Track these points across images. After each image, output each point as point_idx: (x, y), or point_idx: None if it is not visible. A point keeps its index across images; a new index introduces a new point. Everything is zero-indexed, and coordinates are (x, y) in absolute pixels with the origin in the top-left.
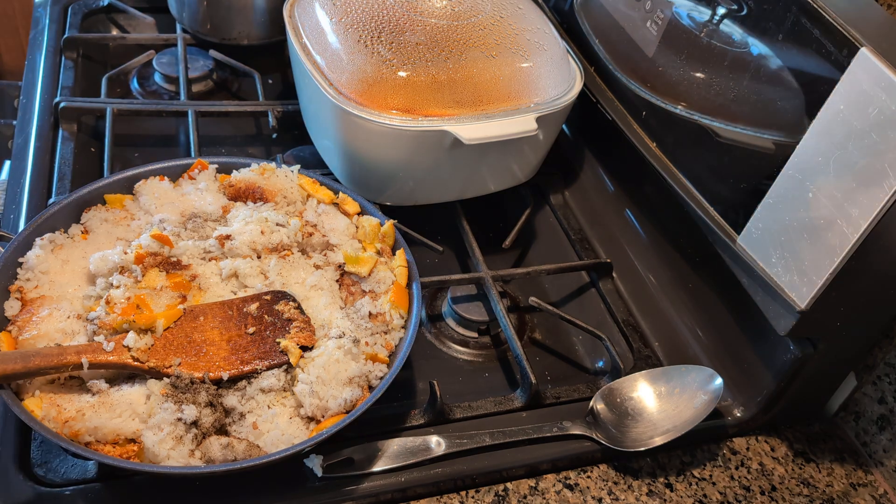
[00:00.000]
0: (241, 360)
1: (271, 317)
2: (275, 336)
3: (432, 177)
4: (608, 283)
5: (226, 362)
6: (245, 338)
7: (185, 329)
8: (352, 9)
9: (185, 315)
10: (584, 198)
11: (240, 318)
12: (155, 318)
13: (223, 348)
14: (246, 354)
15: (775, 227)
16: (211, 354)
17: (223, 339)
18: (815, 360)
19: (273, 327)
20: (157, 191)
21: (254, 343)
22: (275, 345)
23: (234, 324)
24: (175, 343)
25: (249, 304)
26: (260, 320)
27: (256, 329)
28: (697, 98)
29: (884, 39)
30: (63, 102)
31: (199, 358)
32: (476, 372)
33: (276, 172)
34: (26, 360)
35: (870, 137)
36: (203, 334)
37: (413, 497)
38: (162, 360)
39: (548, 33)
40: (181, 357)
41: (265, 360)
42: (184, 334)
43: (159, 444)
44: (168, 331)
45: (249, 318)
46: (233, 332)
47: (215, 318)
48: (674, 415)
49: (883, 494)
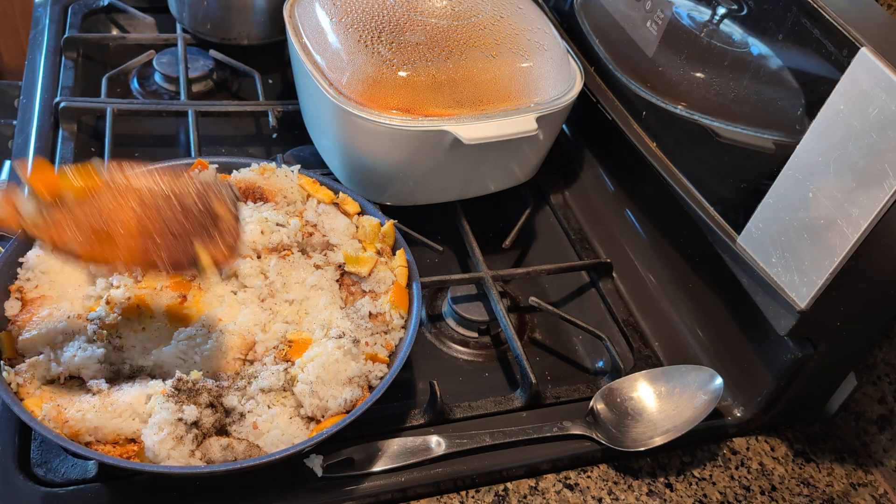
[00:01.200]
0: (147, 260)
1: (201, 215)
2: (195, 239)
3: (432, 177)
4: (608, 283)
5: (131, 255)
6: (164, 235)
7: (100, 207)
8: (352, 9)
9: (105, 188)
10: (584, 198)
11: (166, 208)
12: (65, 187)
13: (135, 240)
14: (155, 253)
15: (775, 227)
16: (119, 243)
17: (138, 228)
18: (815, 360)
19: (197, 229)
20: None
21: (170, 243)
22: (189, 250)
23: (160, 214)
24: (82, 223)
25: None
26: (187, 215)
27: (180, 228)
28: (697, 98)
29: (884, 39)
30: (63, 102)
31: (104, 246)
32: (476, 372)
33: (276, 172)
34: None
35: (870, 137)
36: (118, 217)
37: (413, 497)
38: (58, 238)
39: (548, 33)
40: (83, 240)
41: (175, 266)
42: (95, 213)
43: (159, 444)
44: (79, 206)
45: (178, 210)
46: (155, 224)
47: (137, 201)
48: (674, 415)
49: (883, 494)
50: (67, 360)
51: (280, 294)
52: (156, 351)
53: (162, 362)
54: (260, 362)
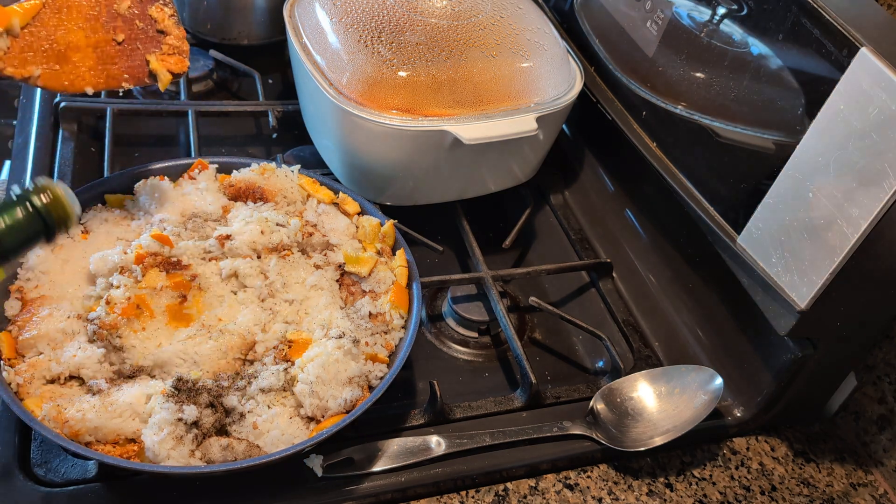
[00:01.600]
0: (108, 74)
1: (143, 23)
2: (145, 50)
3: (432, 177)
4: (608, 283)
5: (91, 74)
6: (112, 46)
7: (47, 28)
8: (352, 9)
9: (45, 7)
10: (584, 198)
11: (108, 20)
12: (11, 14)
13: (89, 56)
14: (113, 68)
15: (775, 227)
16: (75, 63)
17: (89, 44)
18: (815, 360)
19: (144, 39)
20: (157, 191)
21: (122, 55)
22: (144, 63)
23: (101, 25)
24: (35, 47)
25: (120, 2)
26: (130, 25)
27: (126, 37)
28: (697, 98)
29: (884, 39)
30: (63, 102)
31: (63, 66)
32: (476, 372)
33: (276, 172)
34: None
35: (870, 137)
36: (67, 36)
37: (413, 497)
38: (20, 67)
39: (548, 33)
40: (42, 66)
41: (133, 78)
42: (45, 35)
43: (159, 444)
44: (27, 30)
45: (119, 20)
46: (100, 35)
47: (80, 15)
48: (674, 415)
49: (883, 494)
50: (67, 360)
51: (280, 294)
52: (156, 351)
53: (162, 362)
54: (260, 362)
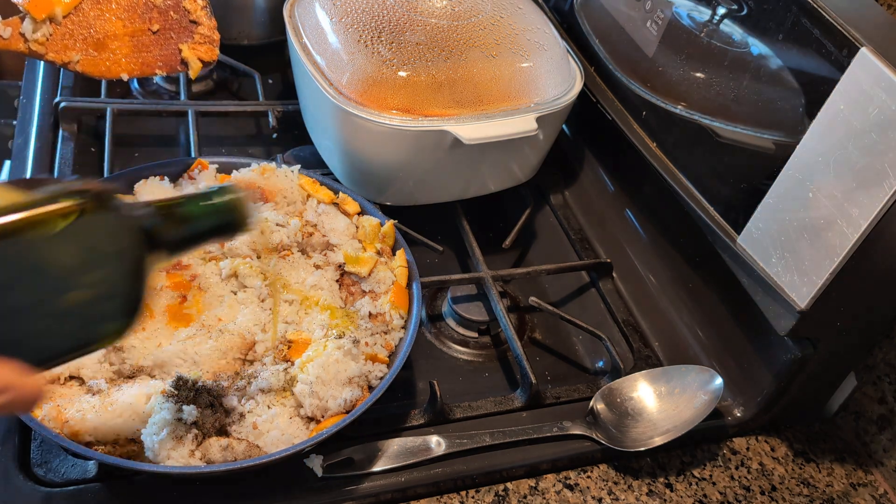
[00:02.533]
0: (142, 62)
1: (177, 14)
2: (178, 40)
3: (432, 177)
4: (608, 283)
5: (127, 61)
6: (148, 35)
7: (88, 17)
8: (352, 9)
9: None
10: (584, 198)
11: (144, 11)
12: (53, 4)
13: (126, 44)
14: (148, 55)
15: (775, 227)
16: (113, 50)
17: (126, 33)
18: (815, 360)
19: (178, 28)
20: (157, 191)
21: (156, 43)
22: (177, 51)
23: (138, 16)
24: (76, 35)
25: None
26: (165, 16)
27: (161, 27)
28: (697, 98)
29: (884, 39)
30: (63, 102)
31: (101, 53)
32: (476, 372)
33: (276, 172)
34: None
35: (870, 137)
36: (105, 25)
37: (413, 497)
38: (61, 53)
39: (548, 33)
40: (81, 52)
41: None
42: (86, 24)
43: (159, 444)
44: (69, 19)
45: (155, 10)
46: (136, 25)
47: (119, 6)
48: (674, 415)
49: (883, 494)
50: None
51: (280, 294)
52: (156, 351)
53: (162, 362)
54: (260, 362)
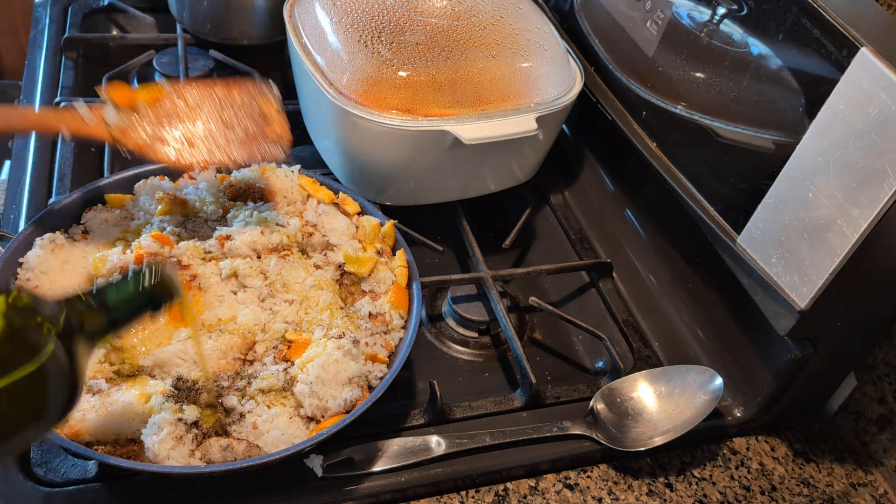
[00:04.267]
0: (216, 155)
1: (250, 112)
2: (251, 138)
3: (432, 177)
4: (608, 283)
5: (200, 154)
6: (222, 130)
7: (167, 112)
8: (352, 9)
9: (167, 95)
10: (584, 198)
11: (220, 109)
12: (136, 97)
13: (199, 139)
14: (221, 149)
15: (775, 227)
16: (186, 144)
17: (202, 128)
18: (815, 360)
19: (250, 125)
20: (157, 191)
21: (229, 140)
22: (248, 149)
23: (213, 113)
24: (155, 127)
25: (232, 91)
26: (238, 114)
27: (235, 124)
28: (697, 98)
29: (884, 39)
30: (63, 102)
31: (175, 146)
32: (476, 372)
33: (276, 172)
34: (8, 118)
35: (870, 137)
36: (182, 120)
37: (413, 497)
38: (140, 142)
39: (548, 33)
40: (158, 143)
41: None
42: (164, 117)
43: (159, 444)
44: (149, 111)
45: (231, 109)
46: (212, 121)
47: (196, 104)
48: (674, 415)
49: (883, 494)
50: None
51: (280, 294)
52: (156, 351)
53: (162, 362)
54: (260, 362)
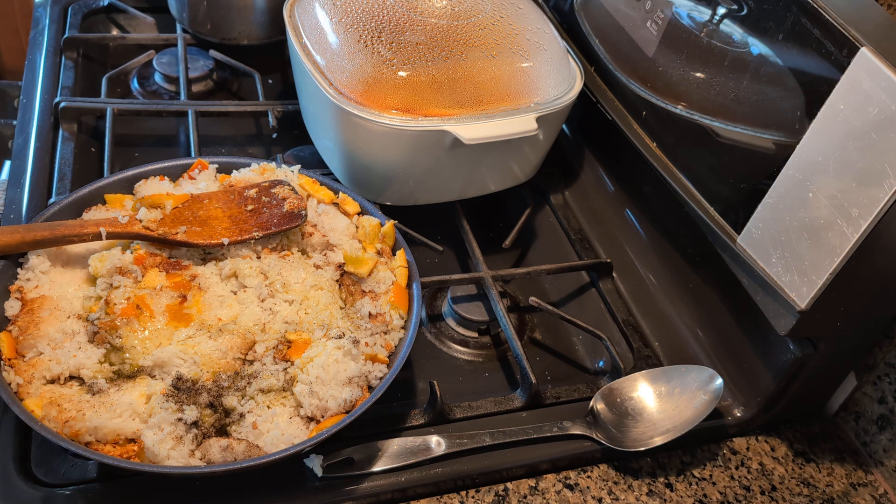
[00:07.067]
0: (240, 230)
1: (268, 198)
2: (270, 211)
3: (432, 177)
4: (608, 283)
5: (227, 231)
6: (244, 213)
7: (192, 208)
8: (352, 9)
9: (191, 198)
10: (584, 198)
11: (240, 200)
12: (163, 199)
13: (224, 221)
14: (245, 225)
15: (775, 227)
16: (213, 226)
17: (225, 215)
18: (815, 360)
19: (269, 205)
20: (157, 191)
21: (252, 217)
22: (270, 217)
23: (234, 204)
24: (181, 218)
25: (249, 189)
26: (258, 201)
27: (255, 207)
28: (697, 98)
29: (884, 39)
30: (63, 102)
31: (203, 228)
32: (476, 372)
33: (276, 172)
34: (53, 228)
35: (870, 137)
36: (207, 212)
37: (413, 497)
38: (169, 229)
39: (548, 33)
40: (186, 226)
41: (262, 230)
42: (190, 212)
43: (159, 444)
44: (175, 210)
45: (249, 199)
46: (234, 209)
47: (218, 200)
48: (674, 415)
49: (883, 494)
50: (67, 360)
51: (280, 294)
52: (156, 351)
53: (162, 362)
54: (260, 362)
